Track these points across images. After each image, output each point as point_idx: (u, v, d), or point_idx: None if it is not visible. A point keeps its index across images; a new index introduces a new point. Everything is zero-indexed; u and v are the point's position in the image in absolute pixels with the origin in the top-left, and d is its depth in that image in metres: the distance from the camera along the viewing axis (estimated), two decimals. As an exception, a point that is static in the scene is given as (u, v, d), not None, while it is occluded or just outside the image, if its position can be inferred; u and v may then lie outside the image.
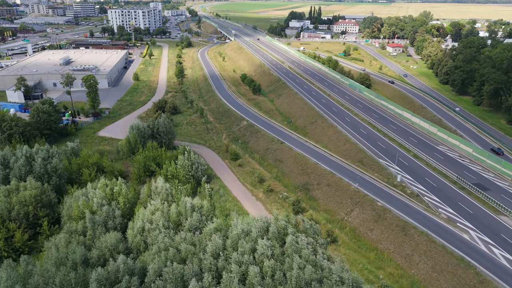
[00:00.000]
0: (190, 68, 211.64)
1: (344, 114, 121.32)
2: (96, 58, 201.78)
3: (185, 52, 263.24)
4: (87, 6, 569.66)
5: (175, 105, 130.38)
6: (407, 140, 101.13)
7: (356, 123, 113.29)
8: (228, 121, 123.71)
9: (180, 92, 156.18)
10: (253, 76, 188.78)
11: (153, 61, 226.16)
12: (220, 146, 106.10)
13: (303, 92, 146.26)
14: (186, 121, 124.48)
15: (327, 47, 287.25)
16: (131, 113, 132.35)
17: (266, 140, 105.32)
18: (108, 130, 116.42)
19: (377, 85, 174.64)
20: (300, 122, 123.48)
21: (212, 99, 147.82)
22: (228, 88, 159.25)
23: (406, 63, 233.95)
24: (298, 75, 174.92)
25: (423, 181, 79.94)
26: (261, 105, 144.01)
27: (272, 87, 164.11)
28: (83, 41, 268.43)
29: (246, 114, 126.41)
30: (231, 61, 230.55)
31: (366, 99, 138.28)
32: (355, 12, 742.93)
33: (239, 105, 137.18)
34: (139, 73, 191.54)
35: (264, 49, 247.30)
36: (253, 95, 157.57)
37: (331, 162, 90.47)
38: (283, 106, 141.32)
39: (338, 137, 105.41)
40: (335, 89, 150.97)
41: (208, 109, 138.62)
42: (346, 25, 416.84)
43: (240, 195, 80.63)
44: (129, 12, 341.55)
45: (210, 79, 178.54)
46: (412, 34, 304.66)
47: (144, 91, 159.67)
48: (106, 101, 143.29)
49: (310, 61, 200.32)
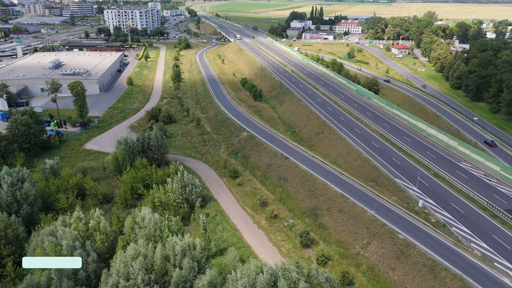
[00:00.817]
0: (188, 72, 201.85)
1: (353, 124, 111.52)
2: (89, 61, 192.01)
3: (183, 54, 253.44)
4: (84, 6, 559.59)
5: (169, 114, 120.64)
6: (424, 155, 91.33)
7: (367, 135, 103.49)
8: (227, 132, 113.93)
9: (176, 98, 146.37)
10: (254, 80, 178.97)
11: (149, 64, 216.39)
12: (218, 161, 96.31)
13: (307, 99, 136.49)
14: (181, 132, 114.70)
15: (330, 49, 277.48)
16: (122, 122, 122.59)
17: (269, 154, 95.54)
18: (96, 142, 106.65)
19: (385, 90, 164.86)
20: (305, 133, 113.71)
21: (210, 106, 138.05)
22: (227, 94, 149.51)
23: (413, 66, 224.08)
24: (302, 79, 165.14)
25: (448, 207, 70.16)
26: (263, 113, 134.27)
27: (274, 93, 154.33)
28: (77, 43, 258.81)
29: (246, 123, 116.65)
30: (231, 64, 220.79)
31: (375, 106, 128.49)
32: (356, 12, 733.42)
33: (238, 113, 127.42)
34: (133, 77, 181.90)
35: (265, 51, 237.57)
36: (253, 102, 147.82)
37: (341, 182, 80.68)
38: (286, 114, 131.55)
39: (348, 151, 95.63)
40: (341, 95, 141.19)
41: (205, 118, 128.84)
42: (349, 25, 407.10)
43: (240, 222, 70.84)
44: (125, 12, 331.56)
45: (208, 83, 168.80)
46: (418, 35, 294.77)
47: (137, 97, 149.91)
48: (96, 108, 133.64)
49: (313, 64, 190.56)
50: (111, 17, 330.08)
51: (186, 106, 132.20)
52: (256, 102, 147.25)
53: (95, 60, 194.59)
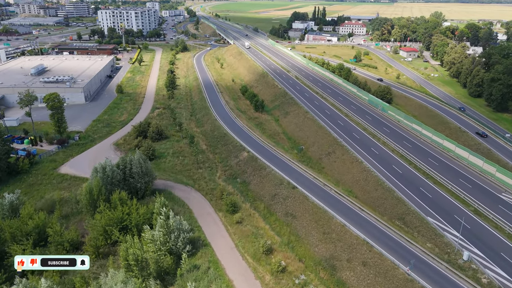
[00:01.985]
0: (184, 77, 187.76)
1: (368, 143, 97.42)
2: (77, 65, 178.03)
3: (180, 57, 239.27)
4: (80, 6, 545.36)
5: (160, 129, 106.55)
6: (457, 183, 77.27)
7: (386, 157, 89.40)
8: (225, 151, 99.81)
9: (169, 109, 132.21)
10: (255, 87, 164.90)
11: (143, 69, 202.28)
12: (213, 188, 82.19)
13: (314, 111, 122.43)
14: (172, 150, 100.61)
15: (334, 51, 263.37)
16: (107, 138, 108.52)
17: (273, 181, 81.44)
18: (73, 164, 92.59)
19: (398, 98, 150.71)
20: (313, 152, 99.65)
21: (207, 118, 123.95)
22: (225, 104, 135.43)
23: (425, 71, 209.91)
24: (307, 87, 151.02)
25: (499, 259, 56.19)
26: (265, 126, 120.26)
27: (277, 102, 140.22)
28: (68, 45, 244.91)
29: (246, 140, 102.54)
30: (230, 68, 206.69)
31: (392, 120, 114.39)
32: (358, 12, 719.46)
33: (238, 127, 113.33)
34: (124, 84, 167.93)
35: (267, 54, 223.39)
36: (254, 113, 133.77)
37: (362, 221, 66.57)
38: (291, 128, 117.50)
39: (366, 177, 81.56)
40: (352, 106, 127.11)
41: (201, 132, 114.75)
42: (353, 26, 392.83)
43: (239, 278, 56.74)
44: (120, 13, 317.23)
45: (205, 91, 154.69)
46: (427, 37, 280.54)
47: (126, 108, 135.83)
48: (79, 121, 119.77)
49: (319, 70, 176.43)
50: (105, 18, 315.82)
51: (179, 120, 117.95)
52: (258, 113, 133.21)
53: (84, 64, 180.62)
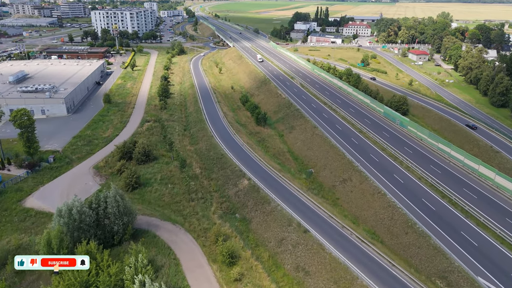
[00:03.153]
0: (179, 84, 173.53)
1: (390, 167, 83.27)
2: (62, 71, 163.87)
3: (175, 61, 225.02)
4: (76, 6, 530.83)
5: (146, 150, 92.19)
6: (505, 225, 63.06)
7: (413, 187, 75.22)
8: (222, 176, 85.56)
9: (160, 123, 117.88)
10: (256, 96, 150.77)
11: (135, 74, 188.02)
12: (206, 228, 67.98)
13: (324, 125, 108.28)
14: (160, 175, 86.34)
15: (340, 54, 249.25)
16: (86, 160, 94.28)
17: (280, 220, 67.21)
18: (42, 195, 78.36)
19: (414, 109, 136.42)
20: (325, 177, 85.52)
21: (202, 134, 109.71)
22: (223, 117, 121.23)
23: (438, 76, 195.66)
24: (314, 96, 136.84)
25: None
26: (268, 144, 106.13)
27: (281, 114, 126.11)
28: (57, 48, 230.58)
29: (247, 163, 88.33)
30: (229, 74, 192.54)
31: (413, 137, 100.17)
32: (360, 12, 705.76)
33: (237, 145, 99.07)
34: (113, 92, 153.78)
35: (268, 58, 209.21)
36: (256, 127, 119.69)
37: (395, 283, 52.34)
38: (298, 146, 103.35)
39: (392, 215, 67.40)
40: (366, 120, 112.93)
41: (195, 151, 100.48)
42: (357, 27, 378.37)
43: None
44: (115, 13, 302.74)
45: (202, 101, 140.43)
46: (437, 39, 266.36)
47: (113, 120, 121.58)
48: (58, 137, 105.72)
49: (326, 76, 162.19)
50: (99, 19, 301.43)
51: (170, 138, 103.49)
52: (259, 127, 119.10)
53: (71, 70, 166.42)
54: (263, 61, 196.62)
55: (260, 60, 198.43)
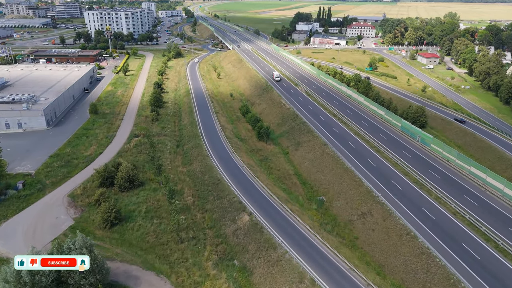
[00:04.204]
0: (174, 91, 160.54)
1: (416, 198, 70.39)
2: (48, 77, 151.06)
3: (171, 65, 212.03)
4: (72, 7, 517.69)
5: (131, 175, 79.20)
6: None
7: (450, 226, 62.37)
8: (218, 208, 72.61)
9: (150, 139, 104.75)
10: (257, 105, 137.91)
11: (127, 80, 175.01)
12: (198, 283, 55.17)
13: (335, 143, 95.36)
14: (146, 207, 73.46)
15: (345, 57, 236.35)
16: (62, 185, 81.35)
17: (288, 275, 54.30)
18: (4, 233, 65.36)
19: (432, 120, 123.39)
20: (339, 208, 72.70)
21: (196, 152, 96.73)
22: (221, 130, 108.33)
23: (452, 81, 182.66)
24: (321, 107, 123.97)
25: None
26: (271, 164, 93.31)
27: (285, 127, 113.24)
28: (46, 51, 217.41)
29: (247, 191, 75.50)
30: (228, 79, 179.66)
31: (438, 158, 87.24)
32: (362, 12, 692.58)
33: (236, 167, 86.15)
34: (102, 100, 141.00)
35: (270, 62, 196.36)
36: (257, 142, 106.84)
37: None
38: (306, 167, 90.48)
39: (427, 266, 54.58)
40: (382, 136, 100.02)
41: (187, 173, 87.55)
42: (361, 28, 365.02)
43: None
44: (109, 14, 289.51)
45: (198, 111, 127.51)
46: (446, 41, 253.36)
47: (98, 135, 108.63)
48: (32, 156, 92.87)
49: (333, 83, 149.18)
50: (92, 19, 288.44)
51: (158, 160, 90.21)
52: (262, 142, 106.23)
53: (57, 76, 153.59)
54: (280, 80, 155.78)
55: (278, 79, 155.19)
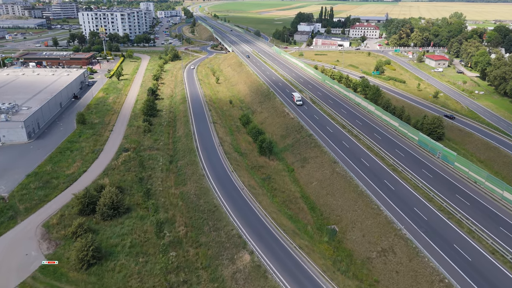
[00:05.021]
0: (169, 97, 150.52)
1: (448, 232, 60.39)
2: (34, 83, 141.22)
3: (168, 68, 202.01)
4: (68, 7, 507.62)
5: (115, 201, 69.20)
6: None
7: (487, 267, 52.39)
8: (214, 242, 62.57)
9: (139, 156, 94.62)
10: (258, 113, 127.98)
11: (121, 85, 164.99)
12: None
13: (346, 160, 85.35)
14: (131, 240, 63.49)
15: (349, 60, 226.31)
16: (37, 212, 71.46)
17: (298, 337, 44.41)
18: (-39, 275, 55.72)
19: (450, 131, 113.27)
20: (355, 242, 62.73)
21: (191, 170, 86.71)
22: (219, 144, 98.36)
23: (465, 86, 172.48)
24: (328, 116, 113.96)
25: None
26: (275, 184, 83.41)
27: (289, 140, 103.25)
28: (36, 54, 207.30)
29: (248, 221, 65.60)
30: (228, 84, 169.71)
31: (463, 178, 77.22)
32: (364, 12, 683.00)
33: (235, 190, 76.17)
34: (91, 108, 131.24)
35: (271, 65, 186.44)
36: (259, 157, 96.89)
37: None
38: (314, 188, 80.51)
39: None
40: (398, 152, 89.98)
41: (180, 197, 77.52)
42: (365, 29, 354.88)
43: None
44: (104, 15, 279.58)
45: (194, 120, 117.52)
46: (455, 42, 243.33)
47: (84, 149, 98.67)
48: (8, 175, 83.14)
49: (340, 89, 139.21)
50: (87, 20, 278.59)
51: (147, 183, 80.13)
52: (264, 157, 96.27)
53: (44, 81, 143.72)
54: (303, 104, 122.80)
55: (300, 102, 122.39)
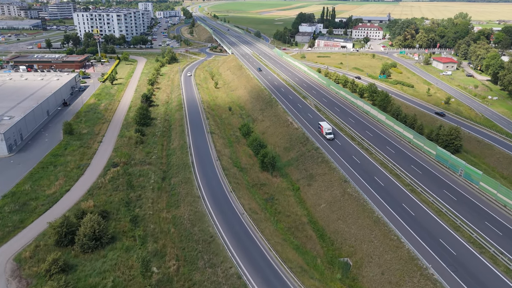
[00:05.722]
0: (165, 104, 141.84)
1: (480, 271, 51.80)
2: (21, 89, 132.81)
3: (165, 72, 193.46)
4: (66, 7, 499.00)
5: (97, 230, 60.52)
6: None
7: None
8: (209, 282, 53.50)
9: (127, 174, 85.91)
10: (259, 121, 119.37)
11: (114, 90, 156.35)
12: None
13: (358, 178, 76.70)
14: (113, 279, 54.72)
15: (354, 62, 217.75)
16: (8, 242, 62.72)
17: None
18: None
19: (467, 143, 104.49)
20: (372, 280, 54.23)
21: (186, 190, 78.02)
22: (216, 158, 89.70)
23: (476, 91, 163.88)
24: (336, 127, 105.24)
25: None
26: (279, 205, 74.84)
27: (294, 153, 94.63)
28: (27, 57, 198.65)
29: (249, 255, 57.00)
30: (227, 89, 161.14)
31: (491, 200, 68.58)
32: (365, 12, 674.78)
33: (235, 214, 67.56)
34: (81, 116, 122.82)
35: (273, 69, 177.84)
36: (261, 173, 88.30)
37: None
38: (323, 211, 71.91)
39: None
40: (414, 168, 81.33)
41: (172, 222, 68.82)
42: (368, 29, 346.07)
43: None
44: (100, 15, 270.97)
45: (190, 131, 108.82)
46: (463, 44, 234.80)
47: (68, 164, 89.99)
48: (-20, 197, 74.38)
49: (347, 96, 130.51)
50: (82, 21, 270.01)
51: (134, 208, 71.42)
52: (266, 173, 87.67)
53: (32, 87, 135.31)
54: (333, 138, 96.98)
55: (330, 136, 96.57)
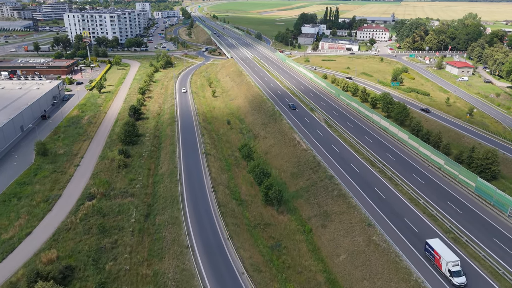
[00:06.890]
0: (156, 116, 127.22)
1: None
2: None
3: (159, 78, 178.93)
4: (60, 7, 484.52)
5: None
6: None
7: None
8: None
9: (101, 214, 71.47)
10: (262, 138, 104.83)
11: (101, 100, 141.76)
12: None
13: (384, 220, 62.25)
14: None
15: (361, 66, 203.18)
16: None
17: None
18: None
19: (504, 167, 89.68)
20: None
21: (172, 235, 63.49)
22: (211, 189, 75.25)
23: (499, 99, 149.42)
24: (351, 148, 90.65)
25: None
26: (287, 255, 60.52)
27: (303, 181, 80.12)
28: (10, 62, 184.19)
29: None
30: (225, 98, 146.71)
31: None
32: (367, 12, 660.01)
33: (232, 274, 53.14)
34: (60, 132, 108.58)
35: (276, 76, 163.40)
36: (265, 207, 73.82)
37: None
38: (343, 266, 57.42)
39: None
40: (451, 205, 66.86)
41: (152, 280, 54.36)
42: (373, 31, 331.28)
43: None
44: (92, 17, 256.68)
45: (182, 151, 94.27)
46: (477, 46, 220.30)
47: (35, 197, 75.55)
48: None
49: (361, 109, 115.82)
50: (73, 23, 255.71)
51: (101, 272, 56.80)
52: (271, 209, 73.18)
53: (7, 98, 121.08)
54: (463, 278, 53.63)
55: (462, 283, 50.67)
